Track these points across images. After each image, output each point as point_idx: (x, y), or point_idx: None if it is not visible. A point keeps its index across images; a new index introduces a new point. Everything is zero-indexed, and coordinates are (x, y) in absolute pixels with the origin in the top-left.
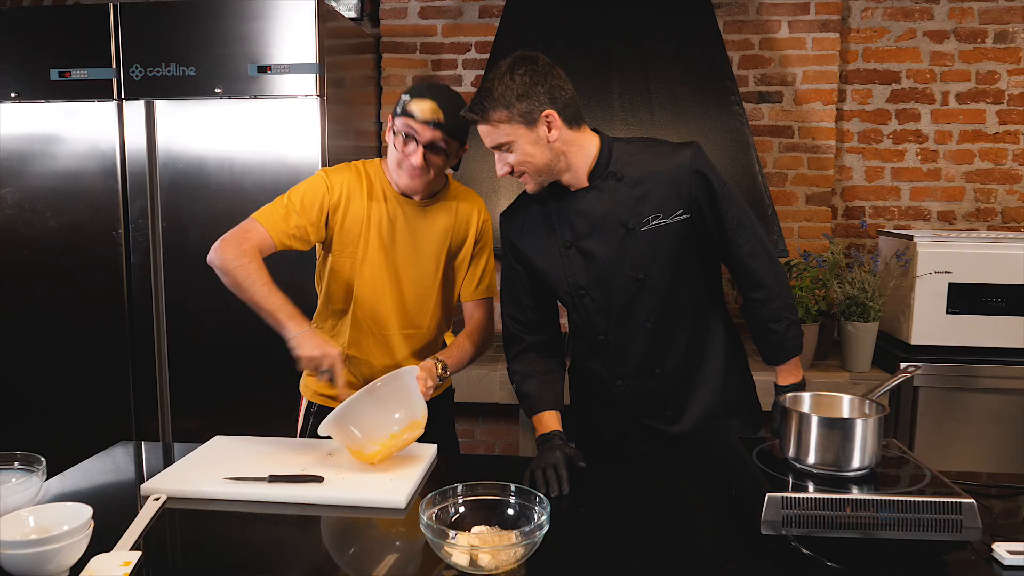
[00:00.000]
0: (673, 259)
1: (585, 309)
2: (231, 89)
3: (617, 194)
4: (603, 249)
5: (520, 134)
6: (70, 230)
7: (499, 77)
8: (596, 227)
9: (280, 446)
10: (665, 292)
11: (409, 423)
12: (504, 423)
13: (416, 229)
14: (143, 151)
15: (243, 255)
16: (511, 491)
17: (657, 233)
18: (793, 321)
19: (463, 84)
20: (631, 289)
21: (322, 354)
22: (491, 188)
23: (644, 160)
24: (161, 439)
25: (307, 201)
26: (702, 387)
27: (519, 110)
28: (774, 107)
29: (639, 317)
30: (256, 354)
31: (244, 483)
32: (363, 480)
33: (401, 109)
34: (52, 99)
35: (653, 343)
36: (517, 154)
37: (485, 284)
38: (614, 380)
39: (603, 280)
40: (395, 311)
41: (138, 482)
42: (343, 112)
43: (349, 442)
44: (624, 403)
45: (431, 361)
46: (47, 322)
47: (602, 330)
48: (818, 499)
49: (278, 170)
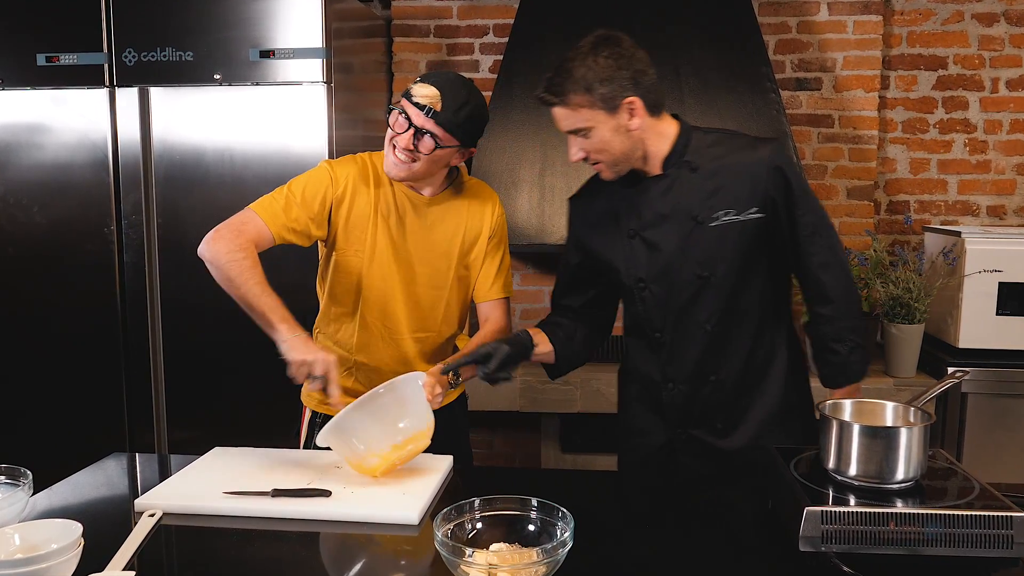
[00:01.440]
0: (741, 259)
1: (644, 303)
2: (231, 75)
3: (690, 185)
4: (668, 241)
5: (600, 120)
6: (58, 226)
7: (581, 57)
8: (664, 217)
9: (284, 458)
10: (730, 293)
11: (414, 433)
12: (524, 432)
13: (427, 224)
14: (137, 142)
15: (238, 249)
16: (532, 506)
17: (727, 229)
18: (858, 345)
19: (480, 70)
20: (694, 287)
21: (313, 359)
22: (510, 182)
23: (721, 151)
24: (156, 450)
25: (309, 193)
26: (758, 401)
27: (601, 95)
28: (812, 94)
29: (699, 317)
30: (258, 360)
31: (245, 498)
32: (373, 494)
33: (404, 93)
34: (39, 86)
35: (711, 346)
36: (594, 140)
37: (501, 283)
38: (666, 383)
39: (665, 274)
40: (406, 312)
41: (132, 497)
42: (351, 100)
43: (349, 453)
44: (674, 410)
45: (439, 367)
46: (34, 325)
47: (659, 327)
48: (860, 513)
49: (281, 162)
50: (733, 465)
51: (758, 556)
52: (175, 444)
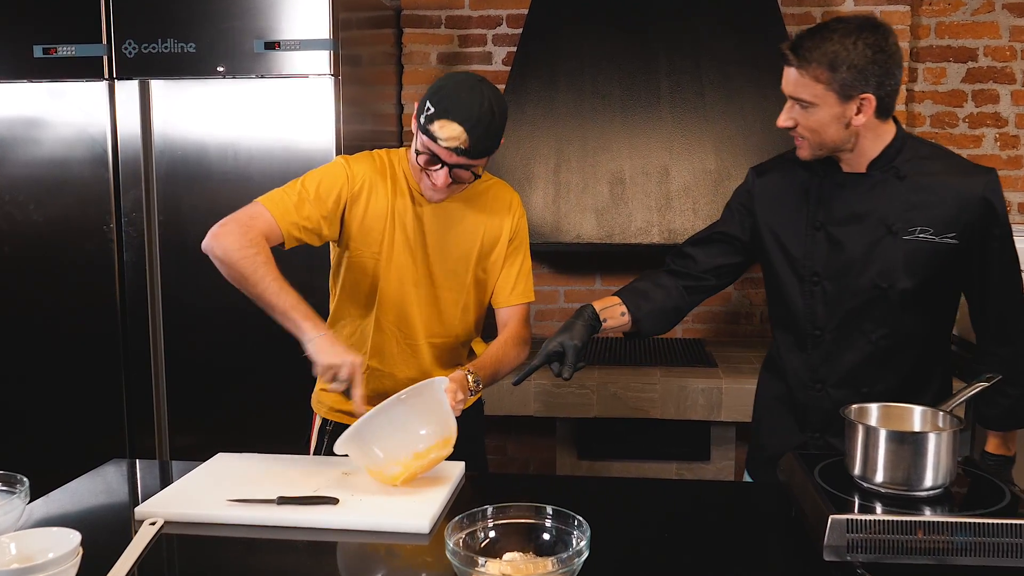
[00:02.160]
0: (925, 280)
1: (812, 297)
2: (235, 68)
3: (892, 192)
4: (855, 243)
5: (827, 102)
6: (56, 224)
7: (841, 32)
8: (856, 218)
9: (290, 464)
10: (902, 311)
11: (436, 441)
12: (539, 438)
13: (445, 225)
14: (137, 136)
15: (249, 244)
16: (547, 514)
17: (919, 247)
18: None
19: (493, 62)
20: (869, 295)
21: (341, 361)
22: (524, 178)
23: (935, 167)
24: (158, 456)
25: (324, 190)
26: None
27: (842, 79)
28: None
29: (866, 327)
30: (265, 363)
31: (250, 506)
32: (382, 502)
33: (424, 123)
34: (35, 78)
35: (872, 359)
36: (811, 118)
37: (521, 288)
38: (815, 383)
39: (843, 275)
40: (423, 315)
41: (132, 504)
42: (360, 93)
43: (368, 461)
44: (817, 412)
45: (461, 372)
46: (30, 326)
47: (822, 325)
48: (887, 522)
49: (287, 158)
50: None
51: (781, 566)
52: (177, 450)
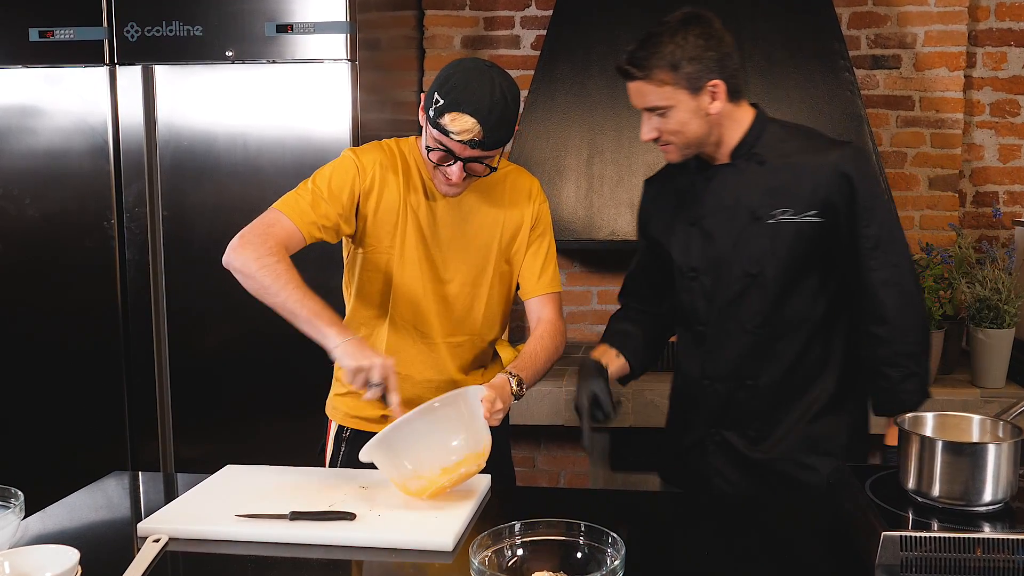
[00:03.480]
0: (792, 261)
1: (691, 293)
2: (245, 52)
3: (754, 178)
4: (724, 233)
5: (681, 100)
6: (53, 220)
7: (669, 32)
8: (724, 208)
9: (304, 477)
10: (776, 297)
11: (467, 454)
12: (571, 449)
13: (461, 216)
14: (140, 126)
15: (268, 253)
16: (579, 530)
17: (781, 229)
18: (914, 373)
19: (521, 46)
20: (741, 284)
21: (371, 364)
22: (554, 171)
23: (793, 148)
24: (162, 469)
25: (335, 185)
26: (796, 415)
27: (687, 74)
28: (891, 74)
29: (742, 316)
30: (276, 368)
31: (261, 521)
32: (402, 518)
33: (434, 117)
34: (31, 64)
35: (752, 349)
36: (671, 121)
37: (549, 276)
38: (703, 379)
39: (716, 267)
40: (439, 314)
41: (134, 520)
42: (378, 79)
43: (394, 472)
44: (709, 408)
45: (503, 376)
46: (25, 329)
47: (703, 320)
48: (943, 539)
49: (301, 148)
50: (763, 476)
51: None
52: (182, 462)
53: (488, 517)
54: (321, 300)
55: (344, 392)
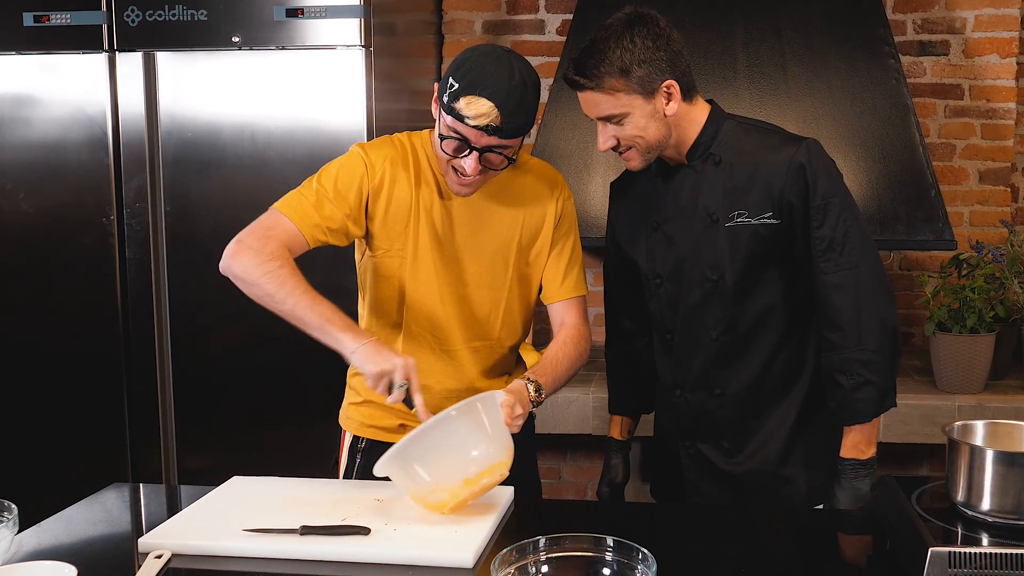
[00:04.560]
0: (750, 266)
1: (659, 300)
2: (252, 38)
3: (711, 179)
4: (684, 238)
5: (636, 105)
6: (48, 217)
7: (615, 37)
8: (683, 212)
9: (315, 489)
10: (736, 302)
11: (489, 464)
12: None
13: (478, 215)
14: (141, 116)
15: (270, 257)
16: (607, 545)
17: (738, 232)
18: (867, 382)
19: (546, 31)
20: (703, 289)
21: (392, 366)
22: (581, 164)
23: (749, 146)
24: (164, 480)
25: (342, 184)
26: (771, 424)
27: (638, 78)
28: (938, 61)
29: (707, 323)
30: (286, 374)
31: (269, 536)
32: (420, 532)
33: (448, 102)
34: (25, 50)
35: (718, 358)
36: (629, 128)
37: (573, 279)
38: (674, 388)
39: (678, 272)
40: (458, 320)
41: (135, 535)
42: (394, 67)
43: (412, 486)
44: (681, 418)
45: (520, 382)
46: (19, 332)
47: (670, 328)
48: (994, 555)
49: (312, 140)
50: (740, 490)
51: None
52: (186, 473)
53: (511, 531)
54: (331, 304)
55: (359, 401)
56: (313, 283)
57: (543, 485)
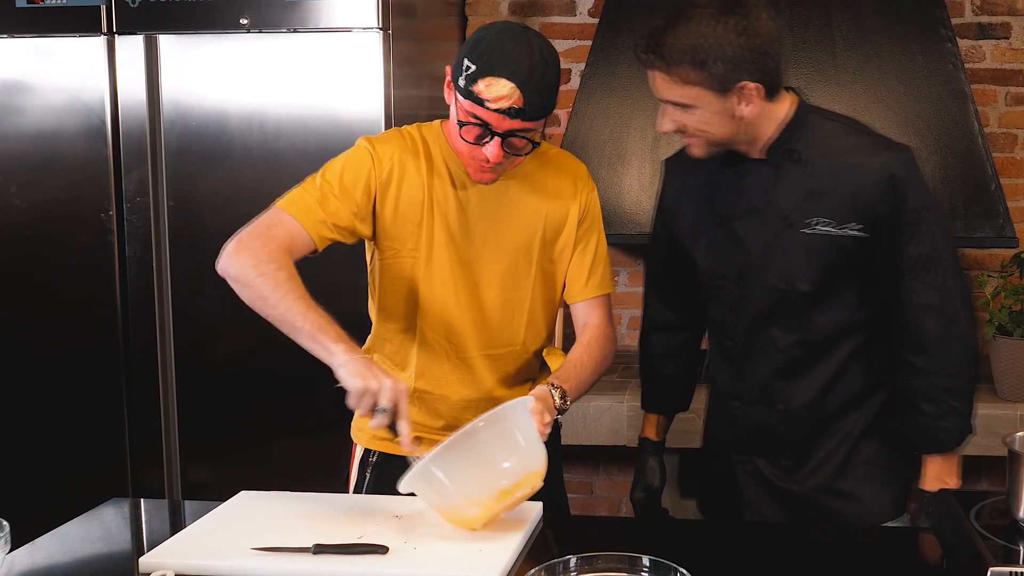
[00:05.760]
0: (827, 278)
1: (720, 303)
2: (261, 20)
3: (791, 179)
4: (755, 239)
5: (707, 101)
6: (42, 212)
7: (699, 22)
8: (755, 211)
9: (328, 505)
10: (810, 313)
11: (524, 475)
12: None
13: (496, 211)
14: (142, 104)
15: (268, 259)
16: (643, 565)
17: (817, 241)
18: (954, 410)
19: (578, 12)
20: (771, 298)
21: (379, 385)
22: (615, 155)
23: (837, 146)
24: (167, 496)
25: (348, 180)
26: (832, 443)
27: (715, 73)
28: (999, 44)
29: (773, 334)
30: (296, 381)
31: (280, 556)
32: (442, 551)
33: (465, 85)
34: (18, 33)
35: (783, 370)
36: (694, 120)
37: (598, 277)
38: (733, 399)
39: (745, 276)
40: (474, 325)
41: (136, 553)
42: (414, 51)
43: (442, 502)
44: (739, 432)
45: (544, 388)
46: (11, 336)
47: (731, 334)
48: None
49: (325, 129)
50: (799, 509)
51: None
52: (190, 487)
53: (539, 550)
54: (326, 314)
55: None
56: (324, 282)
57: (574, 500)
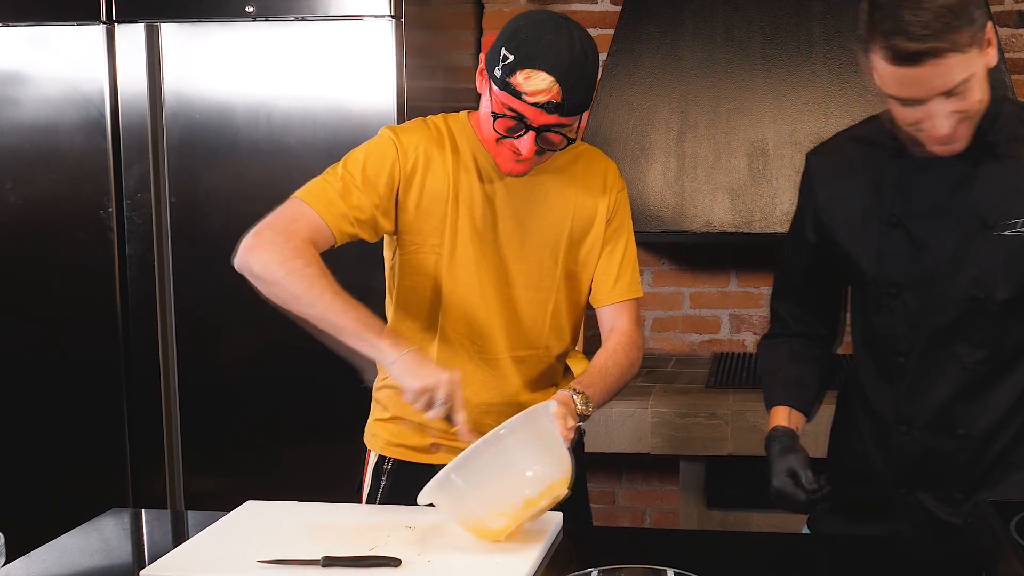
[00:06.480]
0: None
1: (891, 314)
2: (268, 7)
3: (987, 175)
4: (941, 243)
5: (975, 64)
6: (39, 208)
7: None
8: (942, 210)
9: (338, 515)
10: (1005, 329)
11: (549, 483)
12: (658, 482)
13: (524, 207)
14: (143, 96)
15: (295, 254)
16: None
17: (1020, 244)
18: None
19: (599, 0)
20: (960, 308)
21: (436, 382)
22: (638, 149)
23: None
24: (169, 506)
25: (371, 171)
26: (1011, 471)
27: (980, 24)
28: None
29: (960, 349)
30: (304, 386)
31: (287, 568)
32: (457, 564)
33: (502, 76)
34: (13, 21)
35: (968, 390)
36: (968, 99)
37: (627, 280)
38: (899, 424)
39: (927, 283)
40: (502, 325)
41: (136, 566)
42: (428, 40)
43: (464, 512)
44: (900, 461)
45: (566, 392)
46: (6, 339)
47: (904, 350)
48: None
49: (335, 123)
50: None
51: None
52: (193, 497)
53: (559, 562)
54: (365, 307)
55: (387, 417)
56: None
57: (595, 510)
